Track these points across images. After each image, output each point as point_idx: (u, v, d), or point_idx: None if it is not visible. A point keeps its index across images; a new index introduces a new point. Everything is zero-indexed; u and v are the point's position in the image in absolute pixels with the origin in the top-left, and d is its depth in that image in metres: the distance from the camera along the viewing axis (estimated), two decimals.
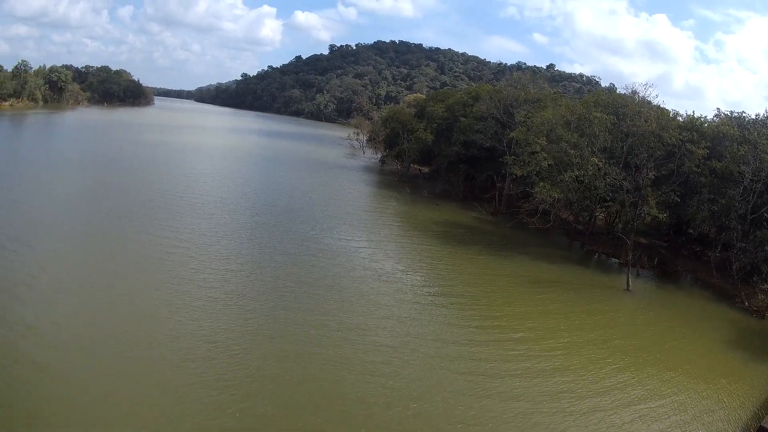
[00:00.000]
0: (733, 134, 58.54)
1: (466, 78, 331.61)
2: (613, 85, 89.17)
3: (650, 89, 65.58)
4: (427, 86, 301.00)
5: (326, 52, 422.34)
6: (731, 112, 66.79)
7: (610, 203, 58.85)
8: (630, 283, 48.67)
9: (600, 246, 61.92)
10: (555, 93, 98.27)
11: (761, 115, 65.28)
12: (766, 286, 48.29)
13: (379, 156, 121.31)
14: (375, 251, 48.70)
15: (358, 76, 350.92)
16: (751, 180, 54.47)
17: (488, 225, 68.21)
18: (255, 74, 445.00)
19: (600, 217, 67.46)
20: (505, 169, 70.00)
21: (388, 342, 30.39)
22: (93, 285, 33.30)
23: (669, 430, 25.75)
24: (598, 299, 45.90)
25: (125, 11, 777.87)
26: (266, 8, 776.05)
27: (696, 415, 27.65)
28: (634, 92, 66.66)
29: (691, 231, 62.44)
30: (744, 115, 65.82)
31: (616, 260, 58.64)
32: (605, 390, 28.73)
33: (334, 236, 51.65)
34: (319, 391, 24.46)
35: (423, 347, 30.34)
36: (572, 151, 57.56)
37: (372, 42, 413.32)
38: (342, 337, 30.20)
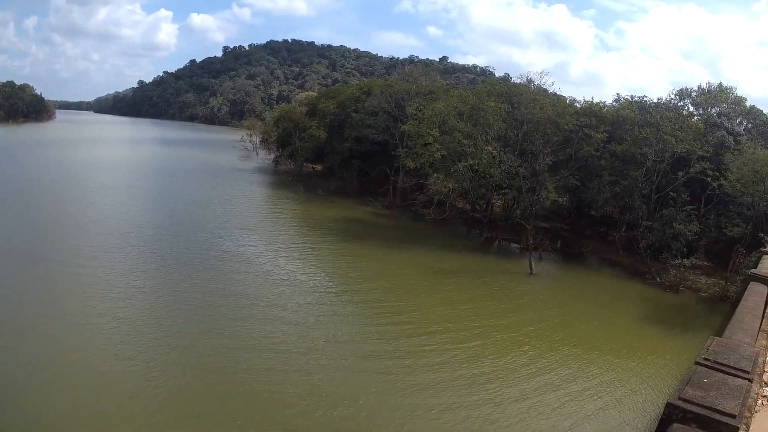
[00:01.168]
0: (634, 118, 60.10)
1: (358, 74, 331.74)
2: (508, 75, 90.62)
3: (546, 77, 66.58)
4: (319, 84, 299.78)
5: (220, 54, 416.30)
6: (632, 97, 68.87)
7: (506, 190, 58.86)
8: (533, 267, 48.80)
9: (499, 232, 61.95)
10: (447, 84, 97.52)
11: (663, 99, 67.74)
12: (677, 261, 49.54)
13: (273, 156, 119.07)
14: (275, 254, 46.47)
15: (251, 77, 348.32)
16: (654, 161, 56.33)
17: (384, 219, 67.09)
18: (151, 81, 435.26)
19: (497, 204, 67.66)
20: (398, 162, 68.57)
21: (300, 349, 28.08)
22: None
23: (604, 409, 25.36)
24: (503, 285, 45.66)
25: (30, 22, 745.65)
26: (163, 12, 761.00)
27: (627, 392, 27.48)
28: (530, 81, 66.54)
29: (593, 213, 62.88)
30: (645, 99, 67.79)
31: (517, 245, 58.86)
32: (529, 375, 28.07)
33: (234, 243, 48.68)
34: (233, 404, 22.30)
35: (338, 351, 28.38)
36: (466, 141, 56.70)
37: (265, 42, 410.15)
38: (254, 346, 27.81)
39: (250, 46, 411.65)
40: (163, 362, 24.91)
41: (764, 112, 76.85)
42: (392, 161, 72.83)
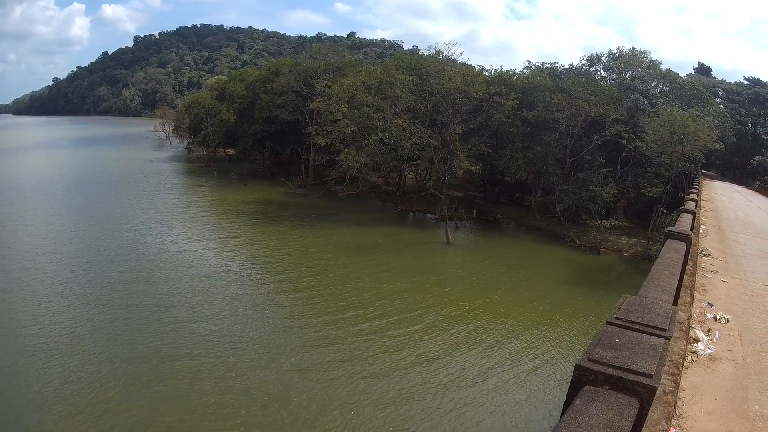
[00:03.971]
0: (545, 84, 60.77)
1: (267, 55, 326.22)
2: (416, 47, 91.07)
3: (454, 48, 66.62)
4: (228, 67, 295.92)
5: (132, 44, 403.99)
6: (543, 64, 70.04)
7: (418, 161, 58.01)
8: (450, 237, 48.95)
9: (413, 204, 61.36)
10: (356, 60, 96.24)
11: (575, 64, 69.88)
12: (595, 223, 49.77)
13: (186, 144, 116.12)
14: (194, 246, 43.75)
15: (162, 65, 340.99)
16: (567, 126, 56.89)
17: (299, 198, 65.93)
18: (65, 77, 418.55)
19: (410, 176, 67.40)
20: (309, 141, 66.91)
21: (228, 349, 25.72)
22: None
23: (531, 372, 25.31)
24: (423, 256, 45.12)
25: None
26: (76, 5, 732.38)
27: (555, 356, 27.41)
28: (438, 52, 66.88)
29: (507, 179, 63.35)
30: (557, 65, 69.34)
31: (433, 216, 58.57)
32: (473, 343, 27.99)
33: (150, 239, 45.27)
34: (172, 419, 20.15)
35: (269, 347, 26.23)
36: (375, 115, 55.71)
37: (175, 29, 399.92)
38: (174, 353, 24.96)
39: (160, 33, 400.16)
40: (80, 375, 22.30)
41: (680, 75, 78.38)
42: (303, 140, 71.78)
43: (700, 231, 21.17)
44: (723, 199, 45.39)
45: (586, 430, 2.36)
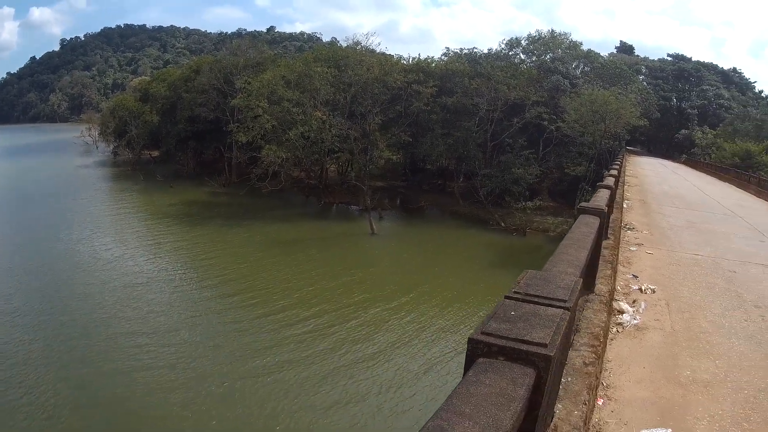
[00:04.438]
0: (463, 70, 60.69)
1: (188, 53, 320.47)
2: (335, 39, 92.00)
3: (372, 38, 67.02)
4: (151, 67, 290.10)
5: (59, 48, 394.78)
6: (461, 50, 70.24)
7: (339, 153, 58.34)
8: (374, 227, 48.74)
9: (336, 196, 61.42)
10: (275, 55, 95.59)
11: (494, 49, 70.85)
12: (520, 204, 51.24)
13: (112, 148, 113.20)
14: (126, 252, 42.46)
15: (87, 68, 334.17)
16: (487, 110, 57.26)
17: (224, 197, 65.01)
18: None
19: (332, 168, 67.39)
20: (231, 138, 66.10)
21: (166, 362, 24.23)
22: None
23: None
24: (350, 249, 45.00)
25: None
26: (6, 9, 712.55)
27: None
28: (357, 43, 66.59)
29: (429, 167, 63.63)
30: (476, 50, 69.82)
31: (356, 207, 58.27)
32: (410, 335, 27.68)
33: (78, 249, 43.24)
34: None
35: (213, 358, 25.01)
36: (295, 109, 55.18)
37: (99, 30, 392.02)
38: (111, 368, 23.38)
39: (85, 35, 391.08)
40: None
41: (602, 54, 79.29)
42: (225, 138, 70.88)
43: (624, 206, 21.45)
44: (648, 174, 47.16)
45: (477, 399, 2.29)
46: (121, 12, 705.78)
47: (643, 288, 10.46)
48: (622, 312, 8.75)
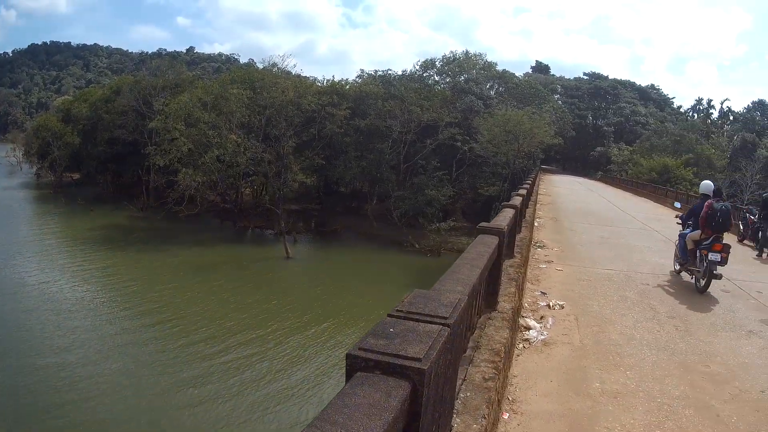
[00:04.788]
0: (377, 92, 60.62)
1: (110, 72, 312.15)
2: (252, 60, 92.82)
3: (288, 59, 66.78)
4: (74, 87, 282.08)
5: None
6: (375, 72, 69.73)
7: (254, 177, 58.11)
8: (289, 251, 48.46)
9: (252, 221, 61.13)
10: (193, 76, 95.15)
11: (408, 70, 70.46)
12: (433, 226, 50.69)
13: (35, 170, 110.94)
14: (49, 278, 41.06)
15: (14, 85, 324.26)
16: (400, 132, 57.61)
17: (142, 221, 63.82)
18: None
19: (247, 192, 67.02)
20: (149, 161, 64.89)
21: (88, 394, 23.42)
22: None
23: None
24: (265, 274, 44.71)
25: None
26: None
27: None
28: (274, 64, 66.52)
29: (343, 189, 63.62)
30: (390, 72, 68.84)
31: (271, 231, 58.07)
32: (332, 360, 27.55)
33: (9, 274, 41.62)
34: None
35: (141, 389, 24.24)
36: (210, 132, 54.84)
37: (26, 46, 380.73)
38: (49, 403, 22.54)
39: (13, 51, 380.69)
40: None
41: (517, 74, 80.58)
42: (144, 161, 68.86)
43: (536, 224, 21.87)
44: (562, 192, 48.58)
45: (350, 409, 2.35)
46: (49, 28, 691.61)
47: (551, 304, 10.73)
48: (529, 328, 9.02)
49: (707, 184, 15.28)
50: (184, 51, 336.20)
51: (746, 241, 23.81)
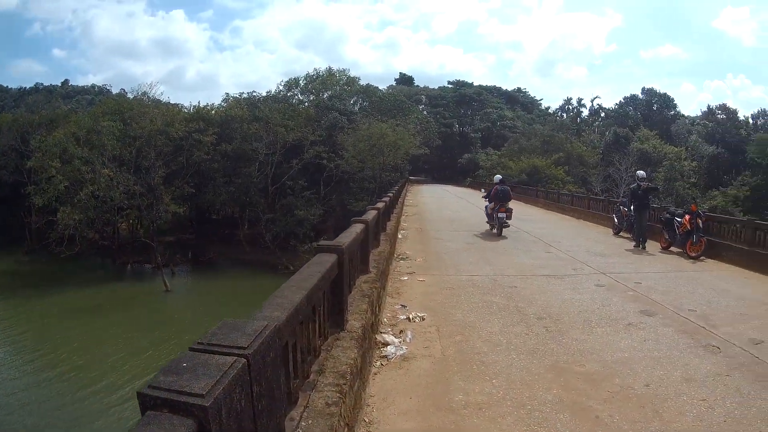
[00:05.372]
0: (242, 115, 60.86)
1: None
2: (124, 91, 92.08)
3: (156, 87, 66.25)
4: None
5: None
6: (240, 94, 70.48)
7: (128, 211, 57.50)
8: (167, 284, 48.49)
9: (130, 256, 60.41)
10: (69, 110, 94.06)
11: (272, 91, 71.42)
12: (305, 246, 50.87)
13: None
14: None
15: None
16: (266, 154, 58.50)
17: (27, 265, 62.67)
18: None
19: (123, 227, 66.16)
20: (30, 202, 64.49)
21: None
22: None
23: None
24: (146, 309, 44.64)
25: None
26: None
27: None
28: (144, 93, 66.93)
29: (215, 216, 64.06)
30: (255, 94, 69.96)
31: (149, 265, 57.46)
32: None
33: None
34: None
35: None
36: (84, 168, 54.54)
37: None
38: None
39: None
40: None
41: (380, 88, 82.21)
42: (25, 201, 66.77)
43: (399, 236, 22.05)
44: (429, 201, 48.62)
45: None
46: None
47: (411, 317, 10.47)
48: (386, 344, 8.75)
49: (498, 177, 27.10)
50: (59, 84, 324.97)
51: (623, 233, 25.21)
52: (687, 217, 19.63)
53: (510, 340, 9.21)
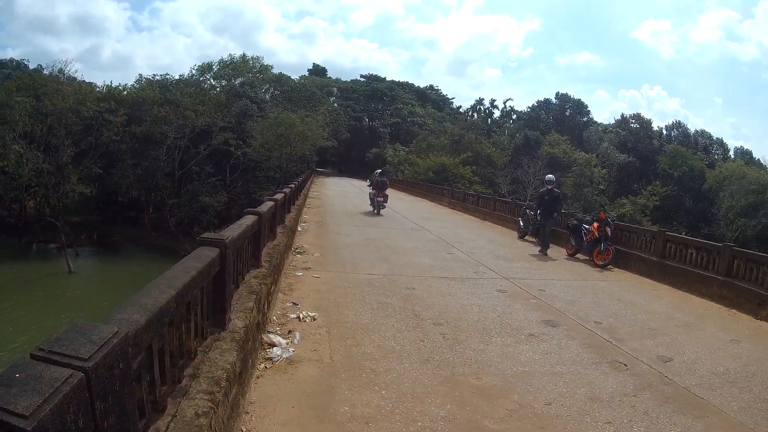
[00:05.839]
0: (154, 97, 60.80)
1: None
2: (41, 66, 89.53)
3: (71, 65, 64.87)
4: None
5: None
6: (153, 76, 70.44)
7: (36, 188, 56.54)
8: (71, 265, 47.58)
9: (36, 235, 58.70)
10: None
11: (185, 74, 70.36)
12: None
13: None
14: None
15: None
16: (175, 138, 58.14)
17: None
18: None
19: (30, 204, 63.38)
20: None
21: None
22: None
23: None
24: (49, 291, 42.85)
25: None
26: None
27: None
28: (60, 70, 65.96)
29: (121, 199, 63.32)
30: (168, 76, 69.91)
31: (54, 245, 55.91)
32: None
33: None
34: None
35: None
36: None
37: None
38: None
39: None
40: None
41: (293, 78, 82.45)
42: None
43: (299, 228, 21.45)
44: (333, 194, 48.92)
45: None
46: None
47: (301, 316, 10.01)
48: (273, 345, 8.30)
49: (378, 171, 33.61)
50: None
51: (528, 237, 24.95)
52: (595, 224, 19.52)
53: (404, 347, 8.77)
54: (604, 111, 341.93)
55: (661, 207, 67.32)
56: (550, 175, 22.41)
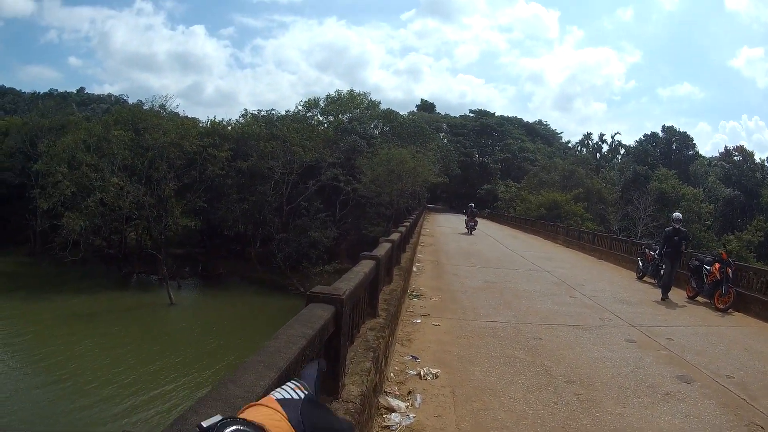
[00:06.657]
0: (259, 133, 60.09)
1: (2, 113, 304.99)
2: (140, 101, 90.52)
3: (172, 100, 65.83)
4: None
5: None
6: (258, 111, 69.47)
7: (137, 221, 56.55)
8: (172, 297, 47.26)
9: (136, 266, 59.27)
10: (82, 117, 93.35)
11: (291, 110, 70.62)
12: (318, 268, 50.91)
13: None
14: None
15: None
16: (282, 173, 57.62)
17: (28, 267, 61.40)
18: None
19: (131, 236, 64.76)
20: (34, 205, 63.41)
21: None
22: None
23: None
24: (148, 322, 42.95)
25: None
26: None
27: None
28: (161, 106, 66.19)
29: (226, 232, 61.96)
30: (273, 112, 68.77)
31: (155, 276, 56.10)
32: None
33: None
34: None
35: None
36: (93, 175, 53.50)
37: None
38: None
39: None
40: None
41: (401, 113, 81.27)
42: (30, 204, 66.91)
43: (414, 269, 20.38)
44: (446, 232, 46.88)
45: None
46: None
47: (422, 373, 8.94)
48: (391, 410, 7.31)
49: (471, 204, 46.81)
50: (75, 91, 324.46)
51: (647, 278, 23.60)
52: (716, 265, 18.10)
53: (537, 411, 7.66)
54: (706, 143, 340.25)
55: (765, 243, 64.43)
56: (678, 213, 20.83)
